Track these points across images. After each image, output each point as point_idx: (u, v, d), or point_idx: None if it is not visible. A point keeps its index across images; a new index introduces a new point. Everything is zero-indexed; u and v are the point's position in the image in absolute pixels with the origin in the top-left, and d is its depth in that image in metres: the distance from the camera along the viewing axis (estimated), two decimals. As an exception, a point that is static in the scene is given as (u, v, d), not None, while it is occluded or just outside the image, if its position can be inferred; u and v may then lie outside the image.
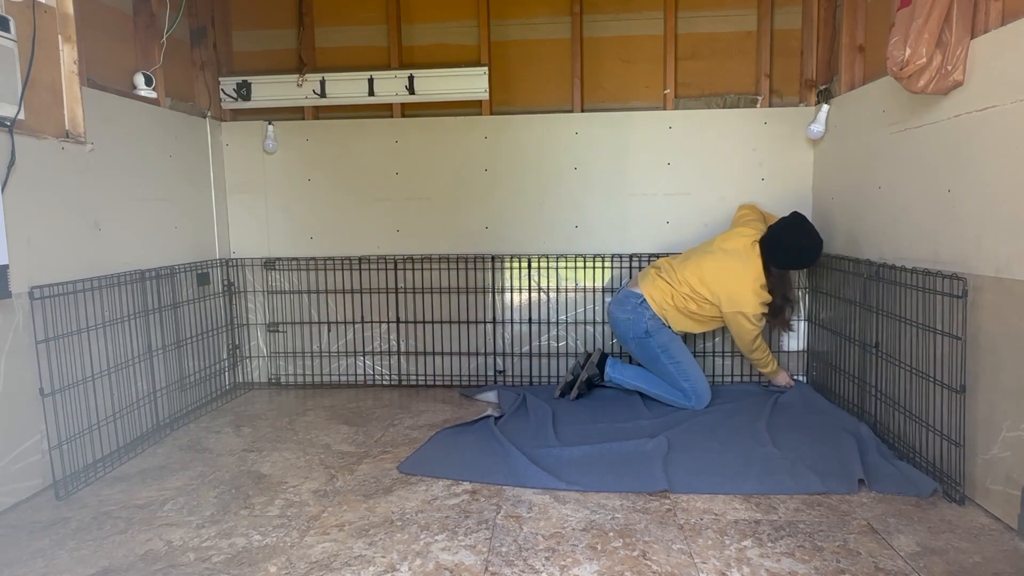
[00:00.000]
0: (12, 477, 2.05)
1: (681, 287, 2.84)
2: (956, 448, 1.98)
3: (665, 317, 2.88)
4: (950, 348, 2.00)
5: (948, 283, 2.00)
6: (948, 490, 2.01)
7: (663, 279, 2.90)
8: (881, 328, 2.44)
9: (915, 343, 2.21)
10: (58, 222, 2.26)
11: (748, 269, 2.77)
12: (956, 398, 1.98)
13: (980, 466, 1.94)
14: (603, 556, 1.71)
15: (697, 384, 2.86)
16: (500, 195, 3.31)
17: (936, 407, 2.09)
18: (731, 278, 2.77)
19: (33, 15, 2.17)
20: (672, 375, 2.87)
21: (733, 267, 2.78)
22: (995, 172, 1.88)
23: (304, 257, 3.40)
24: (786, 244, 2.79)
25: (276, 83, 3.30)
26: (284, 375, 3.47)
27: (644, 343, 2.89)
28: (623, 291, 2.99)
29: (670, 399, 2.88)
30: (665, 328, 2.89)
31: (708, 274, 2.81)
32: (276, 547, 1.78)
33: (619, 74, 3.30)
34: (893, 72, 2.09)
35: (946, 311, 2.02)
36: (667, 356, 2.87)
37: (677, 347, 2.90)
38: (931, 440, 2.13)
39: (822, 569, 1.63)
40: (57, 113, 2.33)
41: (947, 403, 2.03)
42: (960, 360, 1.96)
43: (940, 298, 2.05)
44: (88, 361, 2.32)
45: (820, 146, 3.09)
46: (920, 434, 2.20)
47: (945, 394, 2.04)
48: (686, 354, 2.92)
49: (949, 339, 2.00)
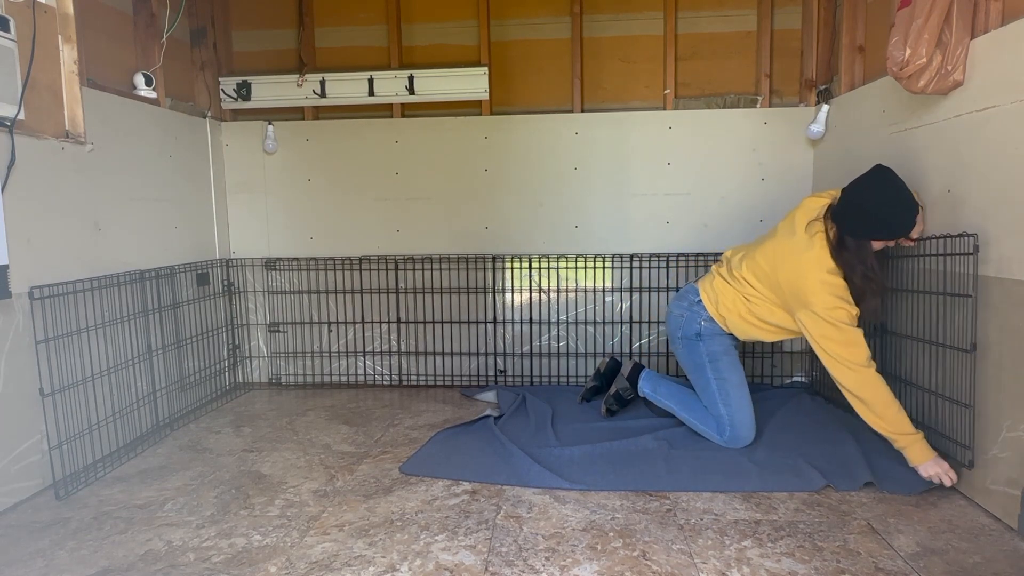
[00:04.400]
0: (12, 477, 2.05)
1: (743, 286, 2.34)
2: (965, 410, 1.96)
3: (725, 322, 2.41)
4: (962, 313, 1.97)
5: (958, 242, 1.97)
6: (959, 456, 2.00)
7: (722, 276, 2.43)
8: (890, 328, 2.43)
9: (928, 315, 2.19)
10: (58, 222, 2.26)
11: (809, 248, 2.15)
12: (967, 359, 1.95)
13: (980, 466, 1.94)
14: (603, 556, 1.70)
15: (737, 414, 2.35)
16: (500, 195, 3.31)
17: (949, 375, 2.07)
18: (789, 265, 2.19)
19: (33, 15, 2.17)
20: (712, 394, 2.40)
21: (790, 248, 2.20)
22: (995, 172, 1.88)
23: (304, 257, 3.40)
24: (854, 202, 2.13)
25: (276, 83, 3.30)
26: (284, 375, 3.47)
27: (692, 346, 2.44)
28: (687, 286, 2.58)
29: (703, 429, 2.43)
30: (723, 336, 2.43)
31: (764, 263, 2.27)
32: (276, 547, 1.78)
33: (619, 74, 3.30)
34: (893, 72, 2.09)
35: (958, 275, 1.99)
36: (713, 369, 2.40)
37: (729, 363, 2.41)
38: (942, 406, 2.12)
39: (822, 569, 1.63)
40: (57, 113, 2.33)
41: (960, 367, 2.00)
42: (971, 320, 1.93)
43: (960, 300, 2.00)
44: (88, 361, 2.32)
45: (820, 146, 3.09)
46: (932, 435, 2.18)
47: (957, 357, 2.01)
48: (737, 374, 2.41)
49: (961, 300, 1.98)
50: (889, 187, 2.10)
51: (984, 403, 1.92)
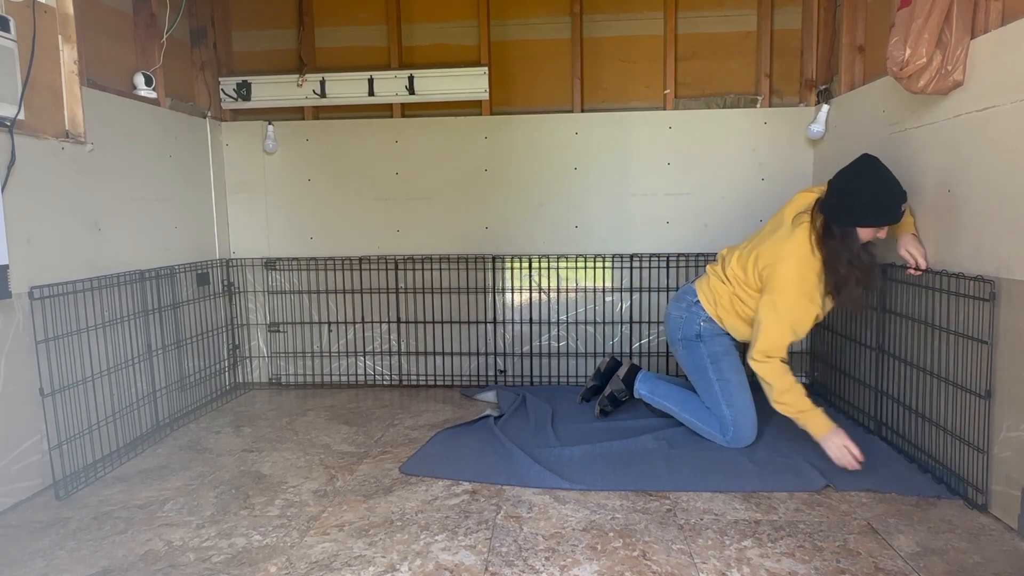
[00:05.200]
0: (12, 477, 2.05)
1: (736, 285, 2.36)
2: (980, 455, 1.91)
3: (723, 322, 2.41)
4: (975, 353, 1.92)
5: (974, 285, 1.92)
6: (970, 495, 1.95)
7: (717, 275, 2.43)
8: (891, 329, 2.43)
9: (927, 344, 2.18)
10: (58, 222, 2.26)
11: (790, 236, 2.19)
12: (980, 404, 1.90)
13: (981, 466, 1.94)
14: (603, 556, 1.70)
15: (740, 416, 2.33)
16: (500, 195, 3.31)
17: (954, 412, 2.04)
18: (769, 251, 2.23)
19: (33, 15, 2.17)
20: (715, 395, 2.38)
21: (775, 238, 2.24)
22: (995, 172, 1.88)
23: (304, 257, 3.40)
24: (840, 190, 2.16)
25: (276, 83, 3.30)
26: (284, 375, 3.47)
27: (693, 347, 2.44)
28: (684, 287, 2.57)
29: (705, 429, 2.41)
30: (722, 336, 2.43)
31: (750, 258, 2.30)
32: (276, 547, 1.78)
33: (619, 74, 3.30)
34: (893, 72, 2.09)
35: (969, 314, 1.95)
36: (715, 371, 2.39)
37: (730, 363, 2.40)
38: (948, 443, 2.09)
39: (822, 569, 1.63)
40: (57, 113, 2.33)
41: (967, 408, 1.97)
42: (987, 365, 1.88)
43: (961, 300, 1.97)
44: (88, 361, 2.32)
45: (820, 146, 3.09)
46: (932, 435, 2.18)
47: (965, 399, 1.97)
48: (739, 375, 2.40)
49: (975, 343, 1.92)
50: (874, 174, 2.11)
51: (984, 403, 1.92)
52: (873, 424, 2.50)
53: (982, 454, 1.90)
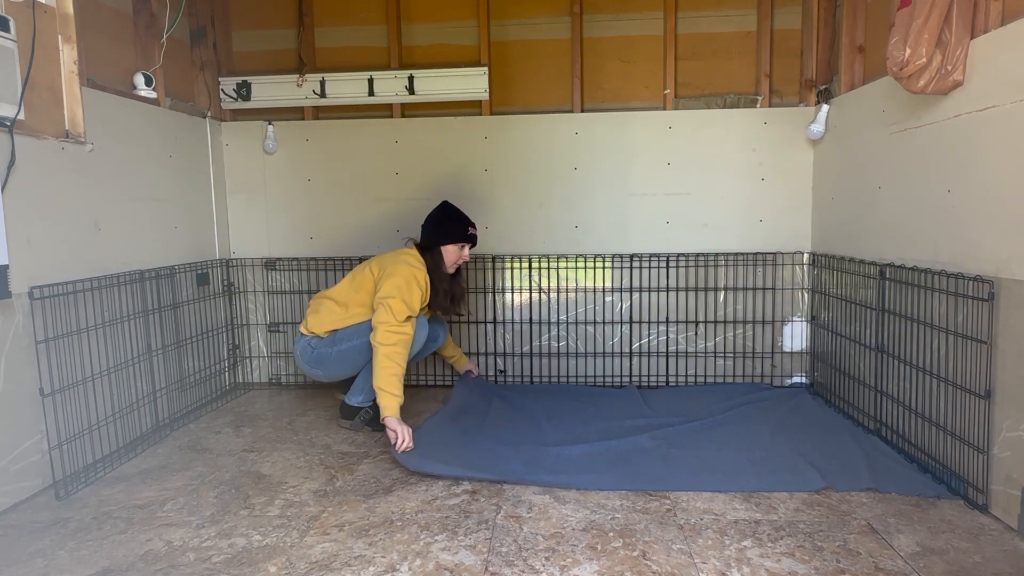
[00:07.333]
0: (12, 477, 2.05)
1: None
2: (980, 455, 1.91)
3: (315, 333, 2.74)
4: (975, 353, 1.93)
5: (973, 286, 1.92)
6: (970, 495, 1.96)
7: None
8: (890, 329, 2.43)
9: (927, 344, 2.19)
10: (58, 222, 2.26)
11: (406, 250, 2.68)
12: (979, 404, 1.91)
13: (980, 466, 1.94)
14: (603, 556, 1.70)
15: None
16: (500, 195, 3.31)
17: (953, 411, 2.04)
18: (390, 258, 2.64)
19: (33, 15, 2.17)
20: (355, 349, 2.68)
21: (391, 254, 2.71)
22: (995, 172, 1.88)
23: (304, 257, 3.40)
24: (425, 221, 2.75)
25: (276, 83, 3.30)
26: (284, 375, 3.47)
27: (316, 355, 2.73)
28: None
29: None
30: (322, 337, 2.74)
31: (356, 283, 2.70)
32: (276, 547, 1.78)
33: (619, 74, 3.30)
34: (893, 72, 2.09)
35: (968, 314, 1.95)
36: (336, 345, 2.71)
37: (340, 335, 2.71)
38: (948, 443, 2.10)
39: (822, 569, 1.63)
40: (57, 113, 2.33)
41: (967, 408, 1.97)
42: (986, 365, 1.88)
43: (960, 300, 1.98)
44: (88, 361, 2.32)
45: (820, 146, 3.09)
46: (932, 435, 2.19)
47: (965, 399, 1.98)
48: None
49: (974, 343, 1.93)
50: (442, 208, 2.75)
51: (983, 402, 1.92)
52: (873, 424, 2.51)
53: (982, 454, 1.91)
